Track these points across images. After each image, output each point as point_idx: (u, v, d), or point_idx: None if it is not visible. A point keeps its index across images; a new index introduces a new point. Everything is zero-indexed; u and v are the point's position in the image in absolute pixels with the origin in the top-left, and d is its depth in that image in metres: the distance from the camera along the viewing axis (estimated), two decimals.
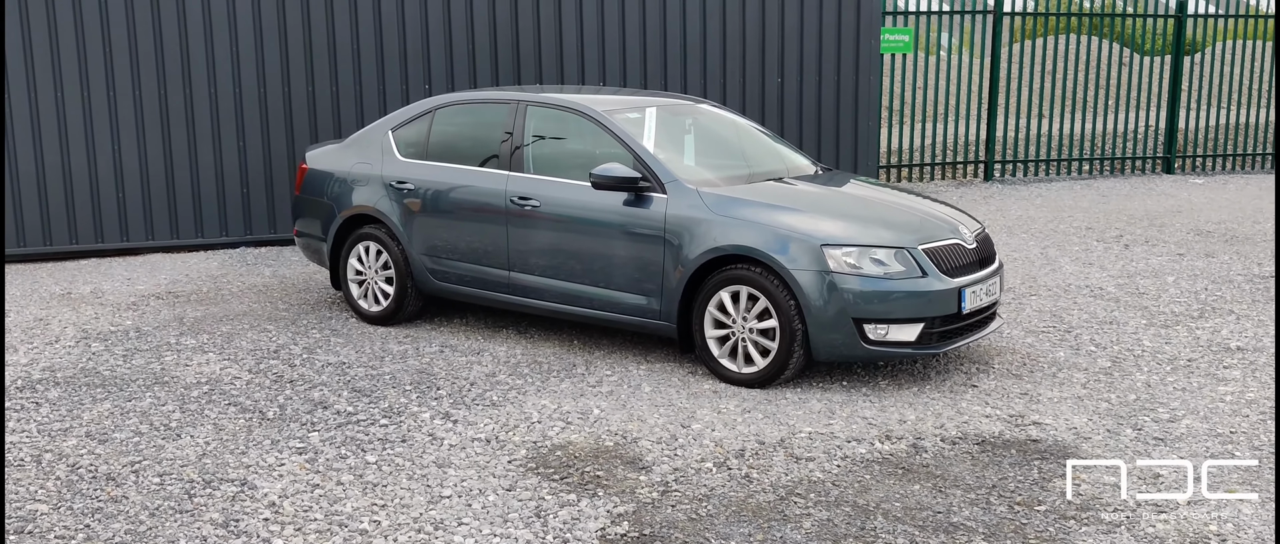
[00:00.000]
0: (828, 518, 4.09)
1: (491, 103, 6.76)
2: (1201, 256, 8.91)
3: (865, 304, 5.35)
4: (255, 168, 9.42)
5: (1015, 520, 4.07)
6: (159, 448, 4.79)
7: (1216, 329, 6.71)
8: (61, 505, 4.19)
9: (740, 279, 5.56)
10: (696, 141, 6.66)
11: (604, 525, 4.03)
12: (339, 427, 5.05)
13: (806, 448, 4.79)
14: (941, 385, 5.65)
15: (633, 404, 5.37)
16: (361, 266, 6.98)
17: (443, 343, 6.49)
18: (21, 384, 5.70)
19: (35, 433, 4.98)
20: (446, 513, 4.13)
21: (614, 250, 5.97)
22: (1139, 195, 12.57)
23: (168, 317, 7.14)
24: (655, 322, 5.90)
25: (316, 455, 4.70)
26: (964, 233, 5.79)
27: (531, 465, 4.60)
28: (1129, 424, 5.07)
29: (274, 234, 9.57)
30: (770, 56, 10.73)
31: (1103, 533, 3.97)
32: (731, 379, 5.65)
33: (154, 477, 4.47)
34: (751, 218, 5.62)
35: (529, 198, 6.23)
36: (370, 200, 6.87)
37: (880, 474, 4.50)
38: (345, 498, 4.26)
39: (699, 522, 4.06)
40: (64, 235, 9.02)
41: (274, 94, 9.35)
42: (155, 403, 5.40)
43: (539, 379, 5.78)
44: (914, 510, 4.15)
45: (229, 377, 5.83)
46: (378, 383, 5.72)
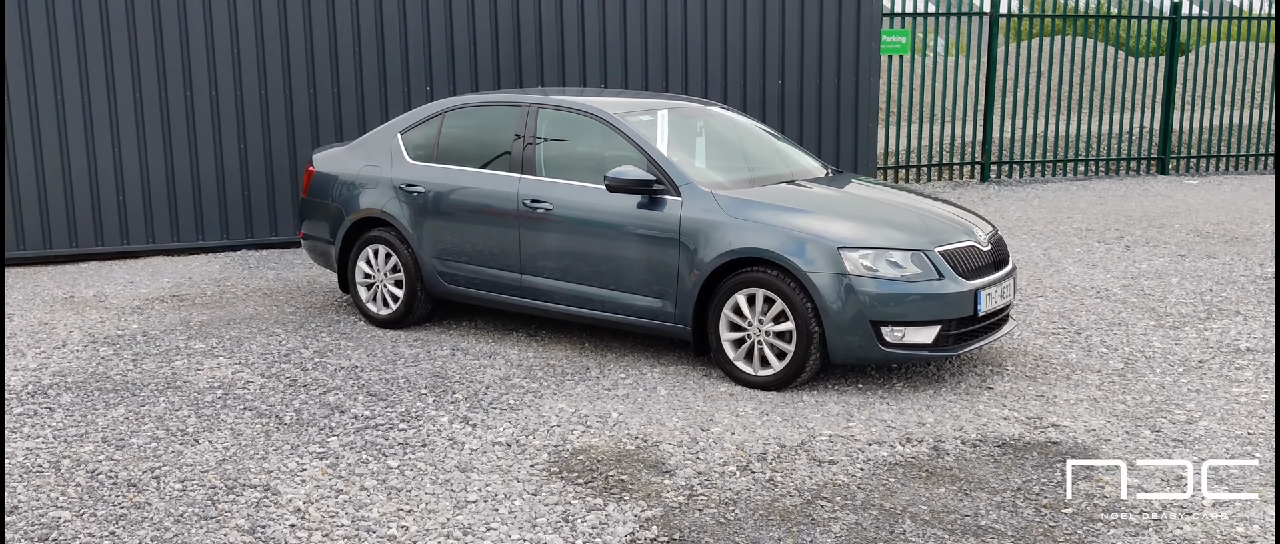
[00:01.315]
0: (856, 522, 4.09)
1: (502, 105, 6.74)
2: (1203, 258, 8.95)
3: (882, 307, 5.36)
4: (256, 170, 9.37)
5: (1043, 523, 4.07)
6: (178, 453, 4.76)
7: (1224, 330, 6.73)
8: (84, 512, 4.16)
9: (756, 282, 5.55)
10: (707, 144, 6.66)
11: (633, 530, 4.02)
12: (358, 431, 5.03)
13: (828, 451, 4.79)
14: (957, 387, 5.66)
15: (650, 407, 5.36)
16: (370, 270, 6.94)
17: (453, 346, 6.47)
18: (32, 389, 5.66)
19: (51, 438, 4.94)
20: (474, 518, 4.11)
21: (628, 253, 5.96)
22: (1135, 196, 12.63)
23: (174, 320, 7.10)
24: (670, 324, 5.90)
25: (338, 460, 4.67)
26: (978, 235, 5.80)
27: (555, 469, 4.58)
28: (1146, 426, 5.08)
29: (275, 236, 9.52)
30: (771, 58, 10.74)
31: (1131, 535, 3.98)
32: (747, 382, 5.64)
33: (175, 483, 4.44)
34: (767, 220, 5.61)
35: (542, 201, 6.21)
36: (379, 203, 6.84)
37: (904, 477, 4.50)
38: (370, 503, 4.24)
39: (728, 526, 4.06)
40: (64, 238, 8.96)
41: (275, 95, 9.30)
42: (170, 408, 5.36)
43: (554, 382, 5.77)
44: (941, 513, 4.16)
45: (242, 381, 5.80)
46: (392, 387, 5.69)
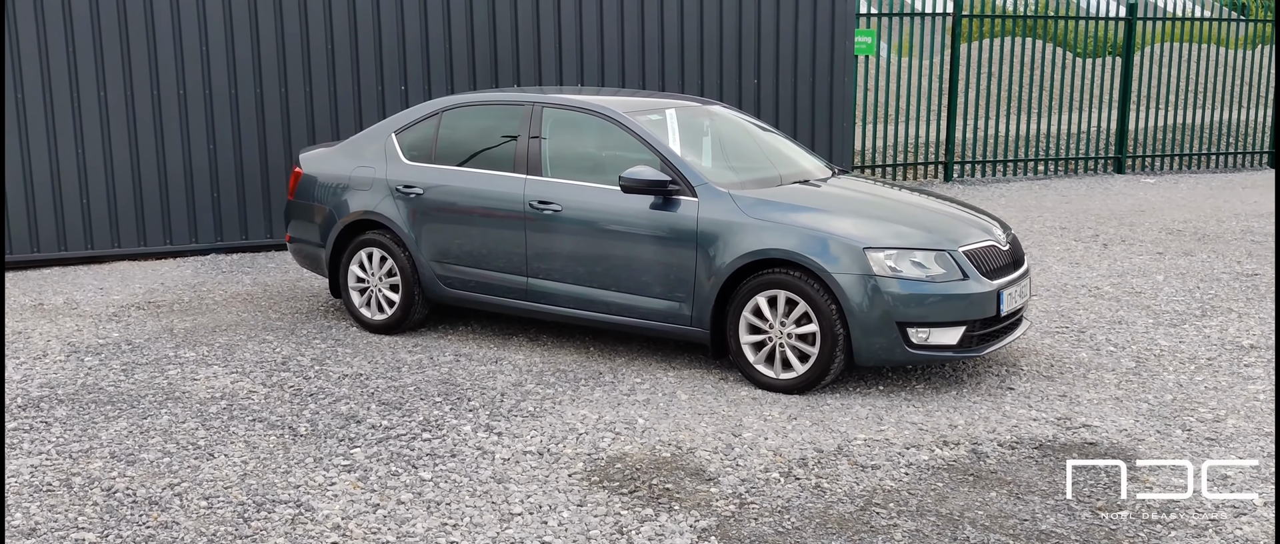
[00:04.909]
0: (916, 528, 4.01)
1: (503, 105, 6.56)
2: (1181, 255, 9.05)
3: (908, 308, 5.29)
4: (226, 172, 9.07)
5: (1103, 526, 4.03)
6: (194, 469, 4.53)
7: (1223, 328, 6.79)
8: (109, 533, 3.93)
9: (779, 283, 5.46)
10: (714, 143, 6.55)
11: (692, 541, 3.90)
12: (380, 442, 4.84)
13: (867, 455, 4.71)
14: (978, 388, 5.62)
15: (675, 413, 5.24)
16: (364, 274, 6.72)
17: (456, 351, 6.29)
18: (23, 402, 5.38)
19: (55, 454, 4.68)
20: (524, 531, 3.96)
21: (642, 255, 5.83)
22: (1097, 195, 12.78)
23: (155, 328, 6.81)
24: (686, 328, 5.78)
25: (367, 473, 4.48)
26: (997, 234, 5.77)
27: (594, 479, 4.44)
28: (1176, 425, 5.08)
29: (246, 240, 9.23)
30: (747, 57, 10.67)
31: (1192, 537, 3.96)
32: (769, 386, 5.55)
33: (199, 500, 4.22)
34: (788, 221, 5.52)
35: (550, 202, 6.06)
36: (373, 205, 6.63)
37: (952, 482, 4.43)
38: (412, 518, 4.07)
39: (786, 535, 3.95)
40: (25, 243, 8.59)
41: (246, 94, 9.01)
42: (174, 420, 5.12)
43: (570, 388, 5.62)
44: (999, 518, 4.09)
45: (243, 391, 5.56)
46: (403, 395, 5.50)
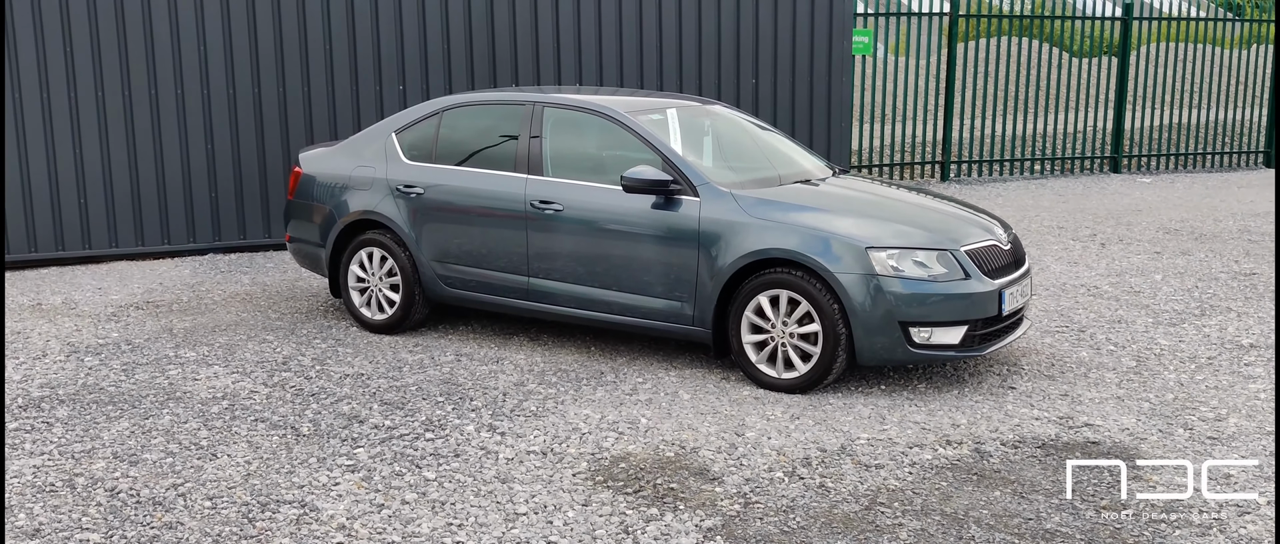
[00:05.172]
0: (921, 528, 4.01)
1: (503, 104, 6.56)
2: (1178, 255, 9.07)
3: (911, 307, 5.30)
4: (224, 171, 9.05)
5: (1108, 525, 4.03)
6: (198, 469, 4.52)
7: (1222, 327, 6.81)
8: (113, 534, 3.92)
9: (781, 283, 5.46)
10: (715, 143, 6.55)
11: (697, 540, 3.90)
12: (383, 442, 4.83)
13: (871, 455, 4.71)
14: (979, 388, 5.63)
15: (677, 413, 5.24)
16: (364, 273, 6.72)
17: (457, 351, 6.28)
18: (23, 402, 5.36)
19: (57, 455, 4.67)
20: (530, 532, 3.96)
21: (644, 254, 5.83)
22: (1093, 194, 12.80)
23: (155, 328, 6.80)
24: (688, 327, 5.78)
25: (371, 473, 4.48)
26: (998, 233, 5.78)
27: (598, 479, 4.44)
28: (1178, 424, 5.09)
29: (244, 240, 9.21)
30: (746, 58, 10.67)
31: (1197, 536, 3.96)
32: (771, 385, 5.55)
33: (203, 500, 4.21)
34: (790, 220, 5.53)
35: (551, 202, 6.05)
36: (374, 205, 6.62)
37: (956, 481, 4.44)
38: (417, 518, 4.06)
39: (792, 534, 3.95)
40: (23, 243, 8.57)
41: (243, 94, 8.99)
42: (176, 420, 5.11)
43: (572, 388, 5.62)
44: (1004, 518, 4.10)
45: (245, 391, 5.55)
46: (406, 395, 5.50)
